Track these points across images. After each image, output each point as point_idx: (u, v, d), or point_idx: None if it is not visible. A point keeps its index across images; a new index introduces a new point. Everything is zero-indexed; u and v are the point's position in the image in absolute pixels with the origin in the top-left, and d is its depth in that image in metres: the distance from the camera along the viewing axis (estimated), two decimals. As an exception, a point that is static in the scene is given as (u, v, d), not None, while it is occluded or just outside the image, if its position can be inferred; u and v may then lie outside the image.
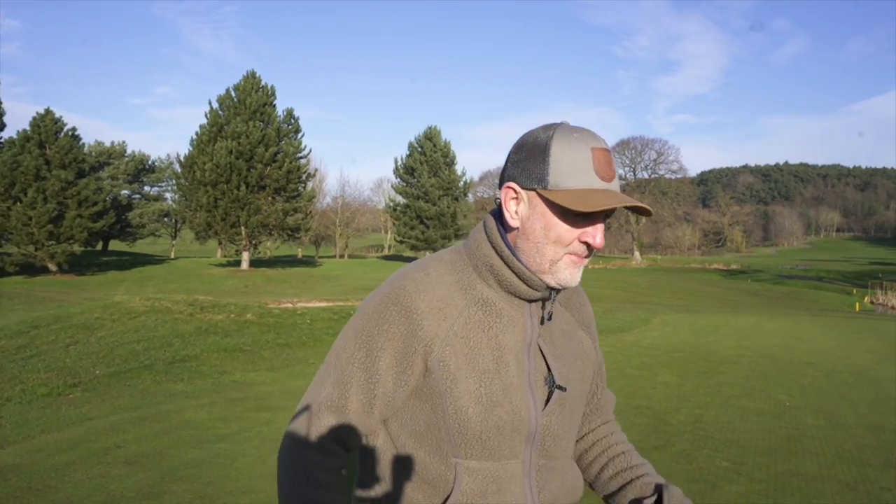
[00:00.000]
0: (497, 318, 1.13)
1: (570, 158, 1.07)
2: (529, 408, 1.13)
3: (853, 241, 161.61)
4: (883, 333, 15.40)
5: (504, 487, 1.12)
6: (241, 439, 5.25)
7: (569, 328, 1.25)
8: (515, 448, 1.13)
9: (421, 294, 1.12)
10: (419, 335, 1.10)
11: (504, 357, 1.12)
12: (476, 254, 1.16)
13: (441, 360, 1.10)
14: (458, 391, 1.10)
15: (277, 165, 31.51)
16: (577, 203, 1.05)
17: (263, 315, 10.34)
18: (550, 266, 1.11)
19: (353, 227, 66.11)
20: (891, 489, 4.34)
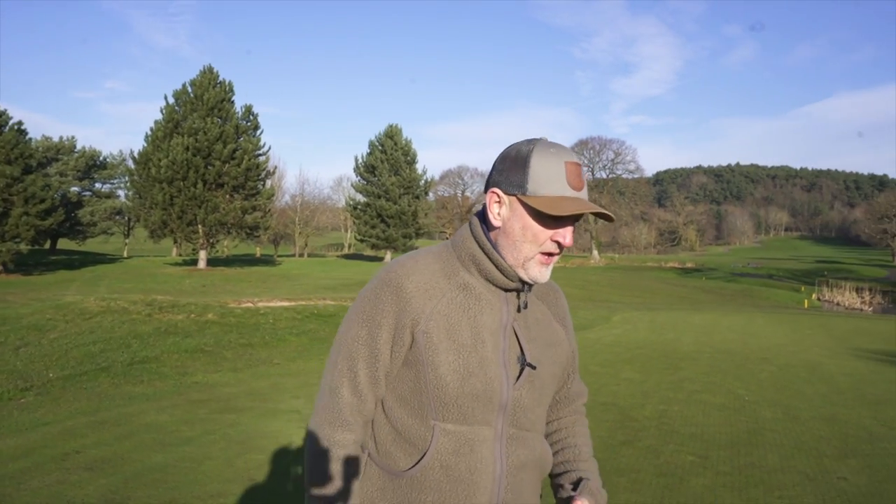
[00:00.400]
0: (476, 301, 1.31)
1: (546, 170, 1.25)
2: (502, 380, 1.29)
3: (800, 240, 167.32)
4: (831, 329, 15.98)
5: (476, 449, 1.28)
6: (206, 442, 5.13)
7: (544, 318, 1.42)
8: (488, 415, 1.29)
9: (410, 276, 1.30)
10: (408, 311, 1.28)
11: (481, 335, 1.29)
12: (461, 246, 1.35)
13: (425, 333, 1.27)
14: (439, 361, 1.26)
15: (236, 163, 30.91)
16: (551, 208, 1.23)
17: (225, 315, 10.13)
18: (524, 262, 1.29)
19: (313, 225, 65.41)
20: (847, 478, 4.49)
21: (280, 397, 6.68)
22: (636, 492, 4.16)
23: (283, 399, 6.61)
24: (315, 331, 9.96)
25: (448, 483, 1.27)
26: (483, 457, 1.28)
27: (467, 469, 1.27)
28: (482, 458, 1.28)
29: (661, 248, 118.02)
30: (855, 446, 5.32)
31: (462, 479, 1.27)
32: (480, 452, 1.28)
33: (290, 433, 5.41)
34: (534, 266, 1.29)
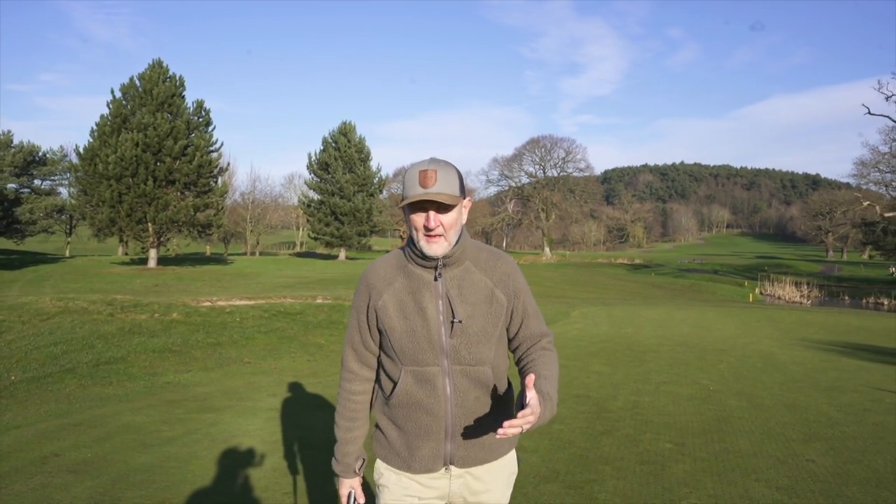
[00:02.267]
0: (418, 282, 1.88)
1: (409, 180, 1.82)
2: (439, 333, 1.85)
3: (741, 236, 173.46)
4: (777, 322, 16.69)
5: (429, 380, 1.86)
6: (189, 441, 5.07)
7: (479, 283, 1.91)
8: (434, 358, 1.85)
9: (374, 272, 1.94)
10: (372, 295, 1.91)
11: (422, 304, 1.86)
12: (405, 247, 1.94)
13: (381, 308, 1.88)
14: (392, 325, 1.87)
15: (188, 159, 30.12)
16: (406, 202, 1.81)
17: (190, 314, 9.93)
18: (419, 242, 1.83)
19: (265, 223, 64.31)
20: (815, 460, 4.76)
21: (257, 396, 6.63)
22: (622, 479, 4.32)
23: (260, 397, 6.56)
24: (283, 329, 9.86)
25: (411, 403, 1.88)
26: (435, 385, 1.86)
27: (424, 394, 1.86)
28: (434, 386, 1.86)
29: (610, 244, 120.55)
30: (817, 431, 5.63)
31: (421, 401, 1.87)
32: (433, 382, 1.86)
33: (273, 430, 5.39)
34: (422, 242, 1.82)
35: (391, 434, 1.96)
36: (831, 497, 4.03)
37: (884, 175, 51.60)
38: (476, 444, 1.92)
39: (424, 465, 1.91)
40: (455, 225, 1.84)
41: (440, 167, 1.81)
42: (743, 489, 4.14)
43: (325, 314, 11.16)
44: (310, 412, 6.00)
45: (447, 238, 1.83)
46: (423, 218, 1.80)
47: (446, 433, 1.89)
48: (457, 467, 1.92)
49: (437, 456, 1.91)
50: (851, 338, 13.74)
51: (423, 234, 1.82)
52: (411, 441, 1.91)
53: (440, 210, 1.80)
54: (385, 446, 1.98)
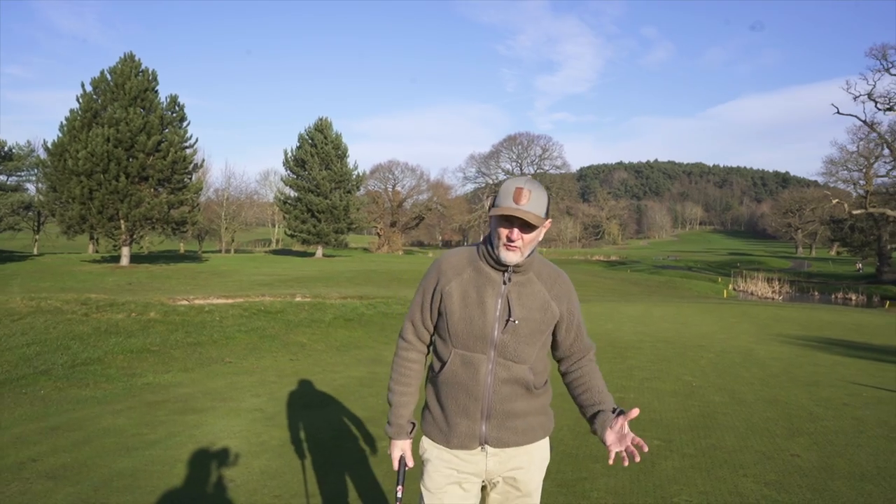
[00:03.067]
0: (484, 278, 2.09)
1: (504, 192, 2.00)
2: (493, 327, 2.05)
3: (713, 233, 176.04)
4: (753, 317, 16.95)
5: (474, 365, 2.07)
6: (173, 444, 4.96)
7: (539, 293, 2.11)
8: (483, 347, 2.06)
9: (446, 259, 2.17)
10: (440, 280, 2.13)
11: (483, 298, 2.06)
12: (479, 245, 2.15)
13: (447, 293, 2.10)
14: (453, 310, 2.08)
15: (161, 155, 29.55)
16: (496, 212, 1.99)
17: (168, 313, 9.73)
18: (496, 248, 2.04)
19: (240, 220, 63.57)
20: (800, 455, 4.82)
21: (240, 396, 6.52)
22: (613, 477, 4.32)
23: (244, 398, 6.46)
24: (264, 328, 9.72)
25: (455, 383, 2.10)
26: (478, 371, 2.06)
27: (467, 376, 2.07)
28: (478, 371, 2.06)
29: (586, 241, 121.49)
30: (800, 425, 5.70)
31: (463, 382, 2.08)
32: (477, 368, 2.06)
33: (259, 431, 5.30)
34: (501, 251, 2.02)
35: (435, 411, 2.19)
36: (818, 492, 4.07)
37: (852, 173, 52.75)
38: (509, 428, 2.12)
39: (461, 441, 2.11)
40: (533, 242, 2.04)
41: (534, 188, 1.99)
42: (732, 485, 4.17)
43: (307, 313, 11.03)
44: (295, 412, 5.92)
45: (523, 251, 2.03)
46: (507, 230, 2.00)
47: (482, 414, 2.10)
48: (491, 447, 2.12)
49: (473, 435, 2.11)
50: (824, 333, 14.02)
51: (503, 243, 2.01)
52: (451, 418, 2.13)
53: (524, 227, 1.99)
54: (430, 423, 2.21)
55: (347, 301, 12.96)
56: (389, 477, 4.30)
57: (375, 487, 4.12)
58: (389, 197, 79.60)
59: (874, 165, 50.36)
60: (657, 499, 3.94)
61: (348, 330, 10.52)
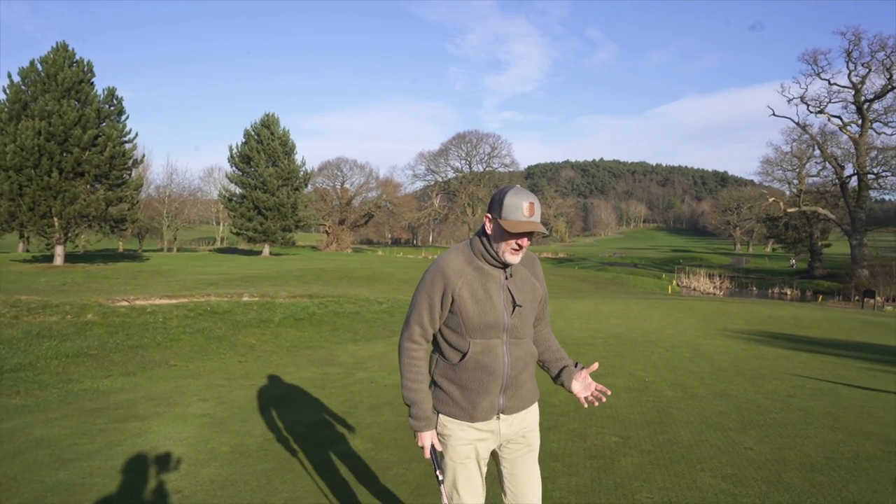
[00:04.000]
0: (486, 276, 2.40)
1: (515, 206, 2.29)
2: (503, 314, 2.40)
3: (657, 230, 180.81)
4: (698, 312, 17.39)
5: (493, 350, 2.41)
6: (113, 454, 4.67)
7: (527, 277, 2.51)
8: (498, 333, 2.41)
9: (447, 265, 2.40)
10: (448, 284, 2.37)
11: (490, 293, 2.39)
12: (475, 245, 2.44)
13: (458, 294, 2.36)
14: (466, 308, 2.37)
15: (98, 150, 28.29)
16: (510, 227, 2.28)
17: (107, 315, 9.26)
18: (502, 253, 2.35)
19: (182, 218, 61.71)
20: (753, 448, 4.90)
21: (186, 401, 6.23)
22: (573, 475, 4.29)
23: (190, 402, 6.17)
24: (210, 329, 9.36)
25: (478, 367, 2.41)
26: (497, 354, 2.41)
27: (488, 361, 2.40)
28: (497, 354, 2.41)
29: (534, 239, 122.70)
30: (750, 418, 5.81)
31: (486, 366, 2.40)
32: (495, 352, 2.41)
33: (207, 438, 5.06)
34: (507, 255, 2.35)
35: (455, 393, 2.46)
36: (773, 484, 4.13)
37: (786, 173, 54.95)
38: (518, 396, 2.52)
39: (484, 414, 2.45)
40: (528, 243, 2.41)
41: (536, 201, 2.33)
42: (691, 480, 4.19)
43: (255, 312, 10.70)
44: (245, 417, 5.69)
45: (522, 253, 2.39)
46: (518, 239, 2.32)
47: (501, 388, 2.45)
48: (505, 415, 2.49)
49: (493, 408, 2.46)
50: (765, 326, 14.49)
51: (510, 248, 2.34)
52: (473, 397, 2.43)
53: (530, 236, 2.32)
54: (449, 403, 2.47)
55: (297, 300, 12.66)
56: (345, 481, 4.16)
57: (333, 492, 3.97)
58: (338, 194, 78.67)
59: (806, 165, 52.61)
60: (619, 496, 3.91)
61: (299, 330, 10.25)
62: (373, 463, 4.53)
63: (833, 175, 48.00)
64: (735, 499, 3.88)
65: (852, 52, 43.30)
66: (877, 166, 45.09)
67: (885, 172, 44.96)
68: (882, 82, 43.06)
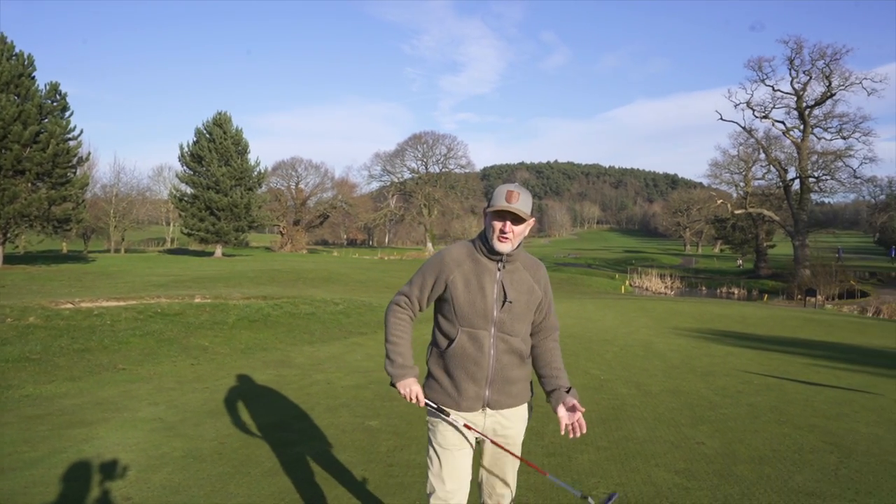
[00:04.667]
0: (482, 267, 2.54)
1: (498, 194, 2.48)
2: (492, 307, 2.51)
3: (610, 231, 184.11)
4: (650, 311, 17.78)
5: (479, 340, 2.52)
6: (57, 462, 4.49)
7: (525, 279, 2.59)
8: (486, 325, 2.52)
9: (448, 253, 2.59)
10: (444, 270, 2.55)
11: (483, 284, 2.51)
12: (476, 240, 2.60)
13: (452, 282, 2.53)
14: (458, 296, 2.52)
15: (40, 147, 27.21)
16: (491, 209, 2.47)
17: (51, 318, 8.90)
18: (491, 240, 2.49)
19: (131, 218, 59.92)
20: (704, 443, 5.03)
21: (135, 405, 6.04)
22: (531, 473, 4.30)
23: (140, 407, 5.99)
24: (161, 331, 9.09)
25: (464, 355, 2.53)
26: (483, 345, 2.52)
27: (474, 349, 2.52)
28: (483, 345, 2.52)
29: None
30: (701, 414, 5.97)
31: (471, 354, 2.53)
32: (481, 342, 2.52)
33: (158, 443, 4.91)
34: (495, 241, 2.48)
35: (444, 380, 2.59)
36: (724, 477, 4.25)
37: (733, 176, 56.68)
38: (506, 392, 2.58)
39: (469, 404, 2.55)
40: (520, 235, 2.51)
41: (522, 192, 2.47)
42: (646, 475, 4.28)
43: (208, 314, 10.45)
44: (198, 421, 5.54)
45: (512, 242, 2.49)
46: (501, 224, 2.46)
47: (486, 380, 2.54)
48: (491, 409, 2.58)
49: (479, 398, 2.56)
50: (715, 325, 14.90)
51: (497, 235, 2.47)
52: (460, 384, 2.55)
53: (515, 221, 2.46)
54: (438, 390, 2.60)
55: (251, 301, 12.42)
56: (303, 484, 4.09)
57: (290, 495, 3.90)
58: (292, 195, 77.60)
59: (752, 169, 54.36)
60: (576, 493, 3.95)
61: (253, 332, 10.06)
62: (331, 465, 4.48)
63: (777, 178, 49.71)
64: (688, 492, 3.97)
65: (794, 60, 44.99)
66: (817, 170, 46.90)
67: (825, 176, 46.81)
68: (822, 89, 44.86)
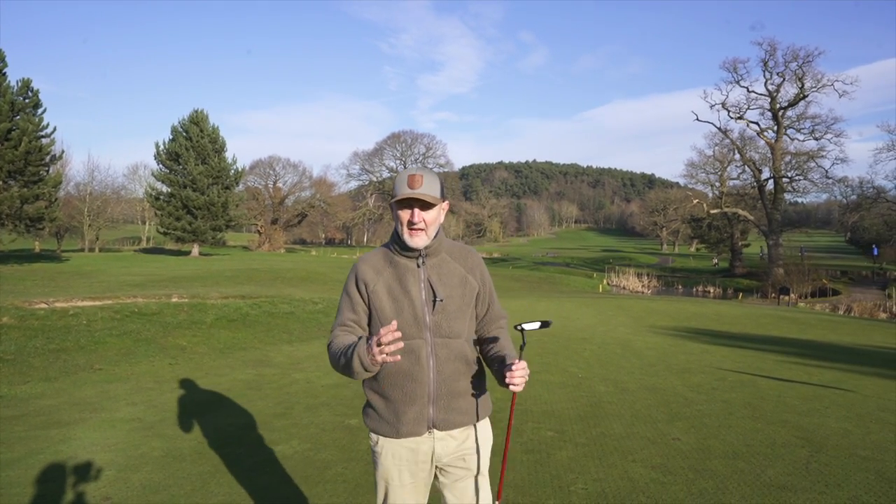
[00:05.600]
0: (403, 270, 2.22)
1: (399, 181, 2.16)
2: (423, 310, 2.18)
3: (588, 230, 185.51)
4: (627, 310, 17.97)
5: (415, 353, 2.15)
6: (33, 463, 4.45)
7: (455, 270, 2.27)
8: (418, 332, 2.16)
9: (364, 263, 2.28)
10: (363, 282, 2.23)
11: (407, 287, 2.19)
12: (390, 241, 2.29)
13: (373, 292, 2.20)
14: (383, 307, 2.19)
15: (12, 144, 26.71)
16: (394, 199, 2.16)
17: (25, 318, 8.76)
18: (402, 236, 2.18)
19: (105, 217, 58.98)
20: (680, 438, 5.13)
21: (113, 406, 5.99)
22: (511, 469, 4.38)
23: (118, 407, 5.94)
24: (138, 331, 9.00)
25: (398, 373, 2.16)
26: (419, 356, 2.15)
27: (409, 364, 2.15)
28: (419, 357, 2.15)
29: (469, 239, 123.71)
30: (677, 410, 6.07)
31: (406, 370, 2.16)
32: (417, 353, 2.15)
33: (137, 443, 4.89)
34: (406, 236, 2.16)
35: (379, 404, 2.22)
36: (699, 472, 4.34)
37: (709, 176, 57.48)
38: (454, 408, 2.21)
39: (410, 428, 2.17)
40: (434, 222, 2.19)
41: (426, 173, 2.16)
42: (623, 471, 4.35)
43: (186, 314, 10.36)
44: (177, 420, 5.52)
45: (427, 233, 2.17)
46: (408, 214, 2.15)
47: (429, 398, 2.17)
48: (439, 430, 2.19)
49: (422, 419, 2.17)
50: (691, 323, 15.12)
51: (407, 229, 2.16)
52: (398, 407, 2.17)
53: (423, 208, 2.14)
54: (375, 418, 2.24)
55: (229, 301, 12.34)
56: (283, 483, 4.10)
57: (270, 494, 3.91)
58: (270, 194, 76.99)
59: (727, 169, 55.18)
60: (555, 489, 4.02)
61: (231, 331, 10.00)
62: (311, 463, 4.49)
63: (752, 178, 50.50)
64: (664, 487, 4.05)
65: (768, 62, 45.73)
66: (791, 170, 47.76)
67: (798, 176, 47.68)
68: (795, 91, 45.68)
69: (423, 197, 2.10)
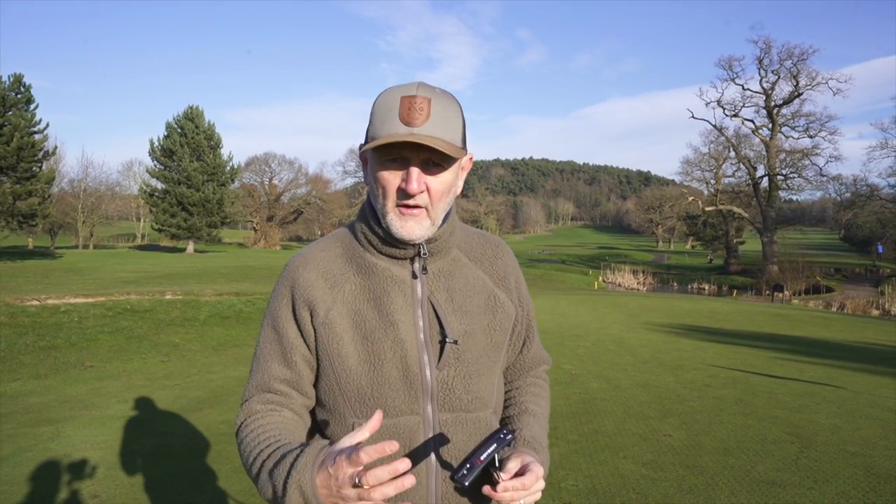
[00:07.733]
0: (383, 280, 1.18)
1: (381, 109, 1.11)
2: (422, 363, 1.15)
3: (584, 228, 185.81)
4: (622, 307, 18.01)
5: (406, 438, 1.13)
6: (23, 460, 4.43)
7: (476, 283, 1.24)
8: (412, 404, 1.14)
9: (308, 266, 1.20)
10: (305, 301, 1.17)
11: (393, 316, 1.15)
12: (356, 224, 1.23)
13: (326, 324, 1.15)
14: (345, 352, 1.14)
15: (4, 140, 26.62)
16: (374, 144, 1.08)
17: (15, 315, 8.73)
18: (385, 219, 1.14)
19: (99, 214, 58.78)
20: (671, 435, 5.14)
21: (104, 403, 5.98)
22: (502, 465, 4.37)
23: (109, 404, 5.92)
24: (130, 328, 8.99)
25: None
26: (414, 448, 1.13)
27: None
28: (413, 449, 1.13)
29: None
30: (669, 407, 6.09)
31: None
32: (409, 441, 1.13)
33: (128, 440, 4.88)
34: (393, 221, 1.13)
35: None
36: (689, 468, 4.34)
37: (704, 173, 57.58)
38: None
39: None
40: (447, 194, 1.16)
41: (435, 96, 1.12)
42: (614, 467, 4.36)
43: (178, 311, 10.34)
44: (169, 418, 5.51)
45: (431, 213, 1.14)
46: (399, 176, 1.11)
47: None
48: None
49: None
50: (685, 320, 15.15)
51: (394, 204, 1.13)
52: None
53: (429, 167, 1.11)
54: None
55: (223, 298, 12.31)
56: (275, 481, 4.09)
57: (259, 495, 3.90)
58: (266, 190, 76.83)
59: (723, 166, 55.27)
60: (546, 485, 4.02)
61: (225, 328, 9.98)
62: None
63: (747, 176, 50.61)
64: (654, 483, 4.05)
65: (763, 60, 45.80)
66: (785, 168, 47.89)
67: (792, 174, 47.81)
68: (790, 89, 45.78)
69: (430, 143, 1.07)
